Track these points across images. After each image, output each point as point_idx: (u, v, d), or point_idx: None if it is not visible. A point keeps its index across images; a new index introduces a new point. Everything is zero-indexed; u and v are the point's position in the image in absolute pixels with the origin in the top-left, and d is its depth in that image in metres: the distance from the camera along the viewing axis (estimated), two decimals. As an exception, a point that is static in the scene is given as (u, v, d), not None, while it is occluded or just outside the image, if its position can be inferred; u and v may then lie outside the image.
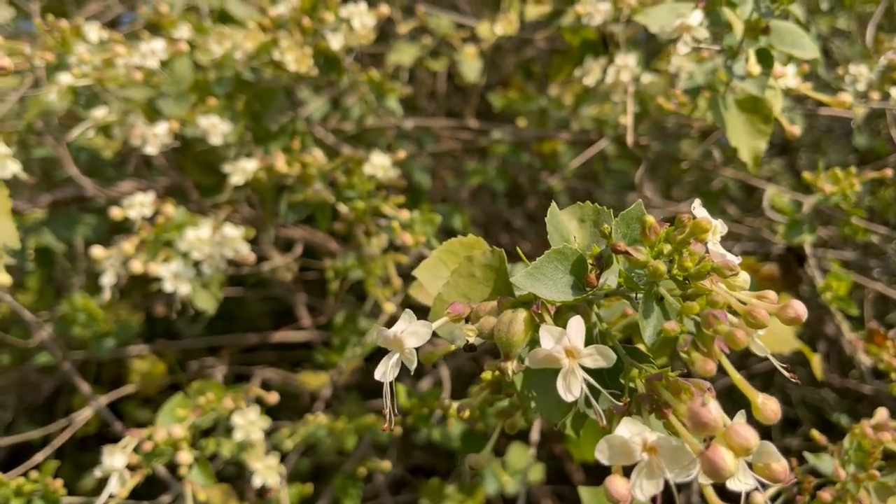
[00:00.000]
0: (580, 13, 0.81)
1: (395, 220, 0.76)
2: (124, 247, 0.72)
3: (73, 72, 0.76)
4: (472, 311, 0.39)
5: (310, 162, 0.78)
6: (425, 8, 1.18)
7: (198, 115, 0.79)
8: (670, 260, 0.33)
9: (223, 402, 0.72)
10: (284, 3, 0.80)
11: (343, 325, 0.97)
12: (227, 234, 0.75)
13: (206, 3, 1.10)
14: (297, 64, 0.77)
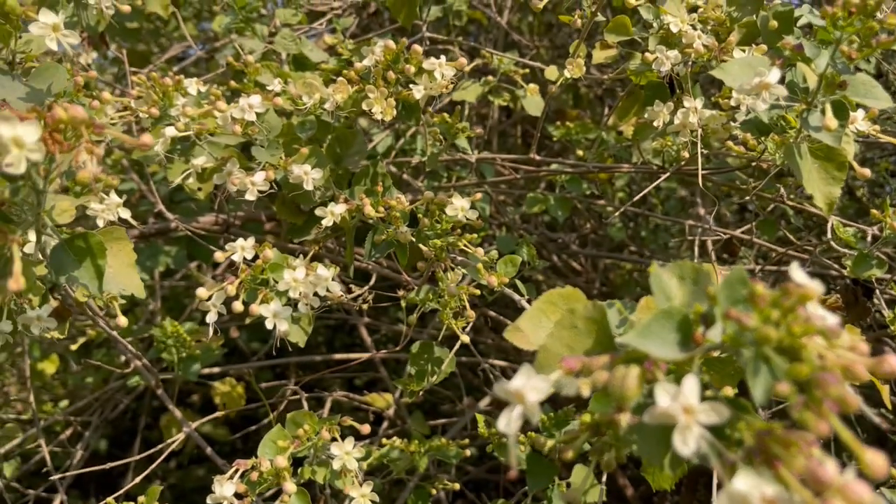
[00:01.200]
0: (648, 60, 0.84)
1: (479, 263, 0.80)
2: (228, 289, 0.77)
3: (178, 126, 0.82)
4: (584, 365, 0.43)
5: (395, 205, 0.83)
6: (487, 49, 1.23)
7: (290, 162, 0.84)
8: (777, 324, 0.37)
9: (320, 433, 0.77)
10: (369, 57, 0.85)
11: (419, 353, 1.02)
12: (320, 274, 0.80)
13: (284, 49, 1.17)
14: (383, 114, 0.83)
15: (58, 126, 0.48)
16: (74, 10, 1.03)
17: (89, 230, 0.59)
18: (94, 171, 0.49)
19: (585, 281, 2.15)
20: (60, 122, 0.48)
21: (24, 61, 0.63)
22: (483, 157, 1.30)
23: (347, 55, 1.10)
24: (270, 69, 1.08)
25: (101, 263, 0.59)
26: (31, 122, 0.47)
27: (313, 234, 0.94)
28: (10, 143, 0.46)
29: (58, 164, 0.49)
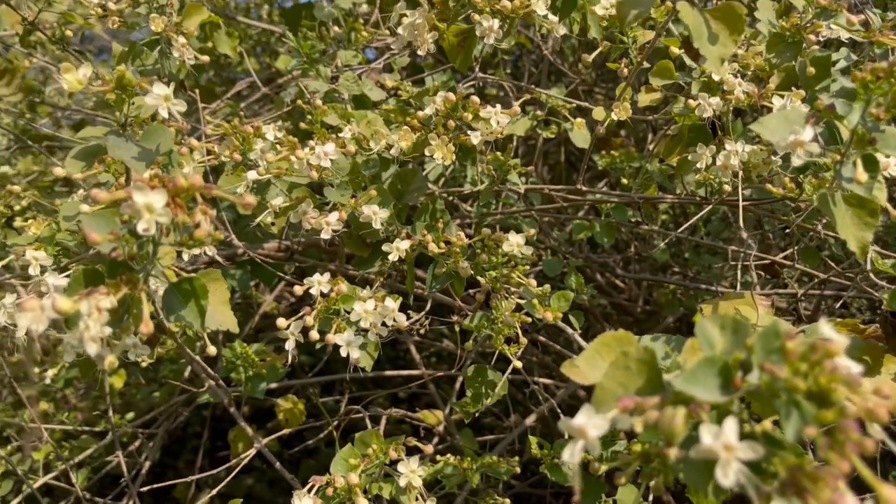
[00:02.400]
0: (691, 106, 0.90)
1: (535, 299, 0.87)
2: (306, 319, 0.85)
3: (259, 171, 0.91)
4: (637, 405, 0.49)
5: (455, 242, 0.91)
6: (537, 90, 1.30)
7: (360, 203, 0.92)
8: (805, 375, 0.42)
9: (387, 453, 0.85)
10: (430, 106, 0.93)
11: (474, 377, 1.09)
12: (387, 306, 0.88)
13: (347, 90, 1.25)
14: (443, 159, 0.90)
15: (179, 192, 0.56)
16: (158, 59, 1.13)
17: (193, 274, 0.68)
18: (208, 229, 0.57)
19: (628, 298, 2.20)
20: (181, 189, 0.56)
21: (135, 124, 0.72)
22: (531, 188, 1.36)
23: (406, 96, 1.18)
24: (335, 110, 1.16)
25: (203, 304, 0.67)
26: (160, 190, 0.55)
27: (377, 266, 1.02)
28: (143, 209, 0.54)
29: (177, 222, 0.57)
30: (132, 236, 0.59)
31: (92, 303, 0.53)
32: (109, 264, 0.61)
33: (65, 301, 0.52)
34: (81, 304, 0.54)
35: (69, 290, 0.65)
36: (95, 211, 0.63)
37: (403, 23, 0.93)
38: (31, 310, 0.54)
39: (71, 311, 0.53)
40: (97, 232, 0.60)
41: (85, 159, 0.74)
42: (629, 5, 0.67)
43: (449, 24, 0.92)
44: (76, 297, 0.55)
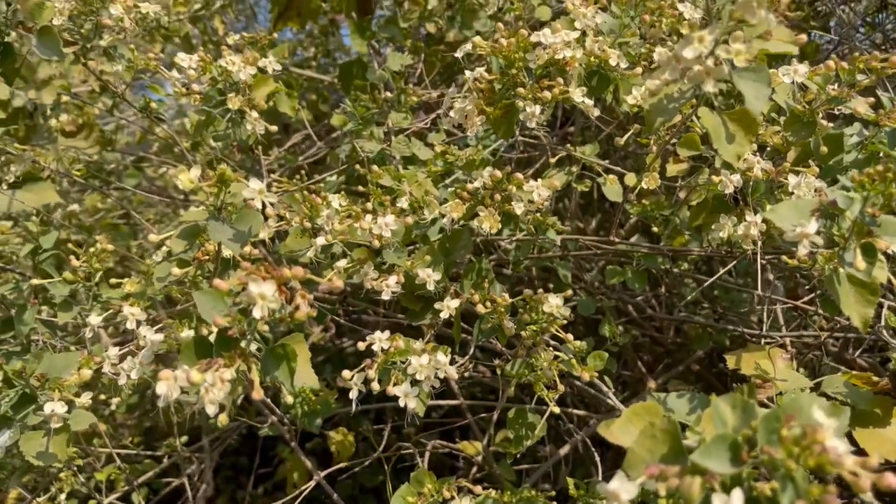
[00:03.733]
0: (715, 182, 1.00)
1: (572, 357, 0.98)
2: (368, 373, 0.97)
3: (328, 238, 1.03)
4: (662, 472, 0.59)
5: (500, 302, 1.02)
6: (575, 149, 1.41)
7: (415, 266, 1.04)
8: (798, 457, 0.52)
9: (441, 492, 0.95)
10: (478, 180, 1.05)
11: (515, 419, 1.19)
12: (439, 360, 0.99)
13: (399, 152, 1.38)
14: (490, 228, 1.01)
15: (284, 281, 0.68)
16: (228, 126, 1.26)
17: (284, 340, 0.80)
18: (306, 310, 0.69)
19: (658, 330, 2.28)
20: (286, 278, 0.68)
21: (229, 209, 0.85)
22: (567, 238, 1.47)
23: (453, 158, 1.29)
24: (388, 172, 1.28)
25: (293, 365, 0.79)
26: (270, 280, 0.67)
27: (428, 320, 1.13)
28: (257, 297, 0.66)
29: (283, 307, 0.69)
30: (243, 315, 0.71)
31: (216, 375, 0.65)
32: (221, 338, 0.73)
33: (196, 374, 0.64)
34: (207, 375, 0.66)
35: (183, 357, 0.77)
36: (207, 291, 0.75)
37: (455, 107, 1.05)
38: (166, 379, 0.66)
39: (200, 381, 0.65)
40: (210, 310, 0.73)
41: (187, 238, 0.87)
42: (656, 113, 0.78)
43: (495, 107, 1.04)
44: (200, 367, 0.68)
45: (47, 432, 0.85)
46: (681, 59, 0.67)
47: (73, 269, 1.13)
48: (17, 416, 0.84)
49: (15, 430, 0.84)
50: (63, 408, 0.81)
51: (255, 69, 1.17)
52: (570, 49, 1.00)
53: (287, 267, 0.68)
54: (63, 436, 0.84)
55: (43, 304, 1.24)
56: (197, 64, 1.14)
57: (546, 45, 1.00)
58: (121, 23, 1.13)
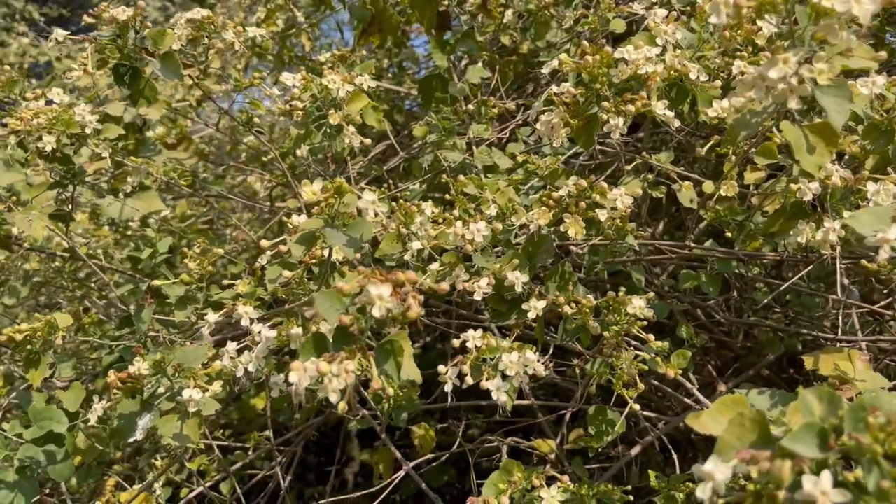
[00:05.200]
0: (793, 191, 1.05)
1: (658, 357, 1.03)
2: (463, 367, 1.05)
3: (423, 242, 1.12)
4: (753, 456, 0.65)
5: (585, 303, 1.08)
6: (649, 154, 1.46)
7: (503, 269, 1.11)
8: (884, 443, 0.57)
9: (531, 481, 1.02)
10: (563, 188, 1.11)
11: (595, 415, 1.25)
12: (528, 357, 1.06)
13: (481, 161, 1.45)
14: (575, 234, 1.08)
15: (399, 284, 0.77)
16: (323, 139, 1.36)
17: (393, 335, 0.88)
18: (418, 310, 0.77)
19: (727, 333, 2.29)
20: (400, 282, 0.76)
21: (341, 217, 0.93)
22: (643, 242, 1.52)
23: (534, 168, 1.36)
24: (473, 181, 1.36)
25: (400, 360, 0.87)
26: (387, 283, 0.75)
27: (513, 320, 1.20)
28: (376, 298, 0.75)
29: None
30: (361, 314, 0.79)
31: (342, 366, 0.74)
32: (339, 334, 0.82)
33: (325, 365, 0.73)
34: (333, 366, 0.74)
35: (303, 351, 0.86)
36: (326, 292, 0.84)
37: (541, 119, 1.12)
38: (298, 370, 0.75)
39: (327, 372, 0.73)
40: (329, 309, 0.82)
41: (304, 244, 0.96)
42: (740, 127, 0.83)
43: (580, 120, 1.10)
44: (325, 359, 0.76)
45: (181, 416, 0.95)
46: (766, 79, 0.72)
47: (189, 271, 1.24)
48: (155, 402, 0.95)
49: (154, 414, 0.94)
50: (199, 394, 0.91)
51: (352, 86, 1.26)
52: (652, 64, 1.06)
53: (400, 271, 0.76)
54: (196, 420, 0.95)
55: (158, 303, 1.36)
56: (300, 82, 1.24)
57: (629, 60, 1.06)
58: (232, 46, 1.24)
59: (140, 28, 1.13)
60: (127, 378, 0.90)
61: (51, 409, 1.38)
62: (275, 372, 1.09)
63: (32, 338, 1.11)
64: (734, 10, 0.71)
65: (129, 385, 0.90)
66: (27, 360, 1.16)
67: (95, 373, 1.57)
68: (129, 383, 0.90)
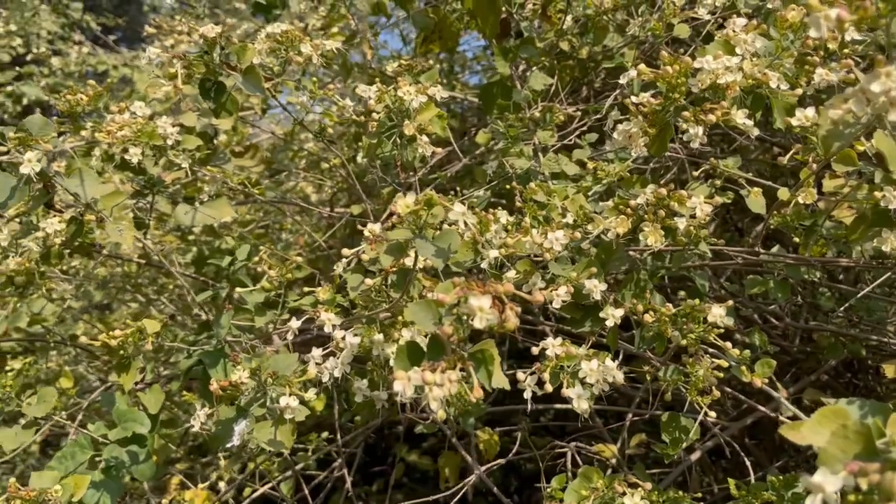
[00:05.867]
0: (876, 199, 1.04)
1: (742, 365, 1.04)
2: (543, 376, 1.06)
3: (501, 251, 1.13)
4: (861, 468, 0.65)
5: (664, 312, 1.09)
6: (717, 158, 1.46)
7: (581, 277, 1.12)
8: None
9: (613, 487, 1.03)
10: (641, 196, 1.12)
11: (668, 422, 1.26)
12: (608, 365, 1.07)
13: (548, 168, 1.47)
14: (655, 242, 1.09)
15: (499, 296, 0.78)
16: (394, 148, 1.38)
17: (482, 344, 0.90)
18: (515, 322, 0.79)
19: (783, 336, 2.27)
20: (499, 293, 0.78)
21: (429, 228, 0.96)
22: (712, 248, 1.51)
23: (603, 175, 1.37)
24: (542, 188, 1.37)
25: (490, 369, 0.89)
26: (487, 294, 0.77)
27: (588, 327, 1.21)
28: (477, 309, 0.77)
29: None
30: (460, 324, 0.82)
31: (444, 375, 0.76)
32: (434, 343, 0.84)
33: (430, 374, 0.75)
34: (437, 375, 0.77)
35: (397, 360, 0.89)
36: (421, 302, 0.86)
37: (618, 129, 1.13)
38: (402, 379, 0.77)
39: (433, 381, 0.76)
40: (424, 319, 0.84)
41: (392, 254, 0.99)
42: (833, 139, 0.83)
43: (658, 129, 1.11)
44: (426, 368, 0.79)
45: (275, 422, 0.98)
46: (867, 93, 0.73)
47: (270, 278, 1.27)
48: (250, 408, 0.98)
49: (250, 420, 0.98)
50: (295, 401, 0.94)
51: (426, 97, 1.28)
52: (731, 73, 1.07)
53: (498, 283, 0.78)
54: (289, 426, 0.98)
55: (236, 310, 1.40)
56: (375, 94, 1.27)
57: (709, 70, 1.07)
58: (309, 60, 1.27)
59: (225, 44, 1.17)
60: (228, 386, 0.93)
61: (133, 411, 1.43)
62: (357, 377, 1.11)
63: (125, 343, 1.16)
64: (837, 23, 0.71)
65: (230, 392, 0.94)
66: (118, 365, 1.21)
67: (171, 376, 1.62)
68: (230, 391, 0.93)
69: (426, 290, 1.10)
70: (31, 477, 1.18)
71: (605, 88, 2.50)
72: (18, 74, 3.42)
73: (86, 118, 1.50)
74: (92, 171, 1.15)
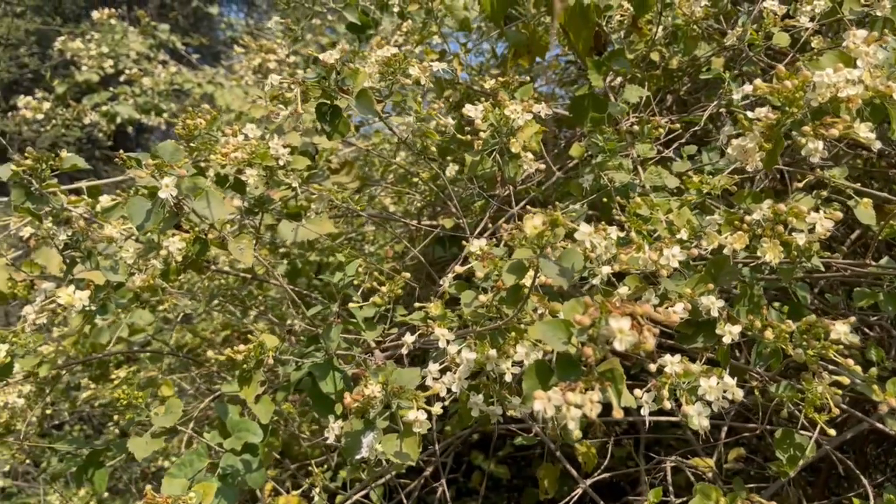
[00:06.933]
0: None
1: (872, 384, 1.02)
2: (662, 392, 1.06)
3: (614, 266, 1.14)
4: None
5: (784, 328, 1.08)
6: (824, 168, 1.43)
7: (696, 294, 1.12)
8: None
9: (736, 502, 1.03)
10: (757, 212, 1.11)
11: (782, 439, 1.24)
12: (726, 381, 1.06)
13: (650, 182, 1.47)
14: (774, 258, 1.08)
15: (636, 316, 0.79)
16: (493, 164, 1.40)
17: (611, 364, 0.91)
18: (653, 343, 0.80)
19: (879, 342, 2.20)
20: (637, 314, 0.79)
21: (549, 247, 0.97)
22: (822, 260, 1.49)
23: (708, 188, 1.36)
24: (646, 202, 1.37)
25: (620, 387, 0.90)
26: (626, 316, 0.79)
27: (701, 343, 1.21)
28: (617, 331, 0.78)
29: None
30: (596, 344, 0.83)
31: (586, 396, 0.78)
32: (563, 362, 0.86)
33: (571, 394, 0.77)
34: (577, 396, 0.78)
35: (526, 379, 0.90)
36: (550, 321, 0.88)
37: (732, 144, 1.12)
38: (542, 399, 0.79)
39: (574, 402, 0.77)
40: (553, 338, 0.86)
41: (516, 273, 1.01)
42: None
43: (774, 144, 1.10)
44: (563, 388, 0.80)
45: (400, 435, 1.01)
46: None
47: (381, 294, 1.31)
48: (377, 421, 1.01)
49: (377, 433, 1.01)
50: (424, 415, 0.97)
51: (530, 114, 1.30)
52: (853, 86, 1.05)
53: (635, 303, 0.79)
54: (415, 438, 1.01)
55: (344, 322, 1.45)
56: (482, 112, 1.30)
57: (829, 83, 1.05)
58: (418, 81, 1.30)
59: (342, 69, 1.21)
60: (360, 399, 0.96)
61: (247, 421, 1.49)
62: (473, 392, 1.13)
63: (248, 358, 1.21)
64: None
65: (360, 406, 0.97)
66: (241, 378, 1.27)
67: (277, 386, 1.68)
68: (361, 404, 0.97)
69: (541, 307, 1.12)
70: (162, 484, 1.24)
71: (690, 98, 2.48)
72: (113, 95, 3.59)
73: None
74: (217, 194, 1.21)
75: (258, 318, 2.38)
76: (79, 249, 1.35)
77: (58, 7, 7.34)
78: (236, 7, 10.66)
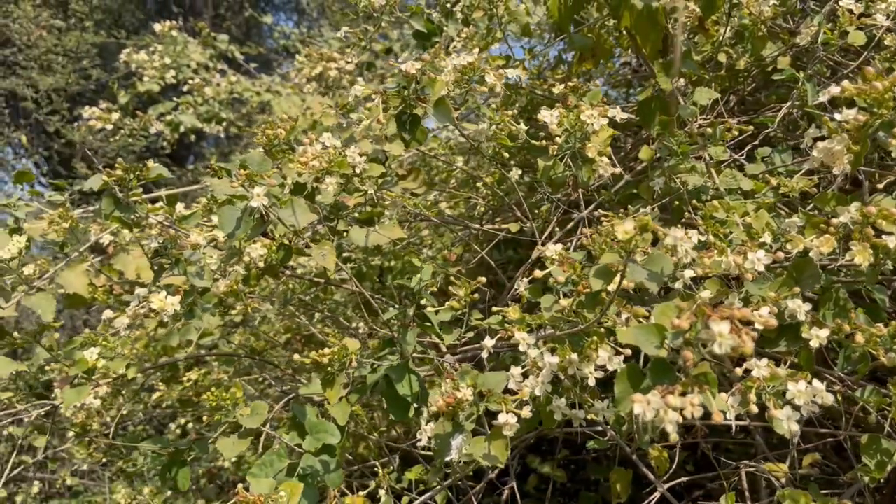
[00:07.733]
0: None
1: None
2: (749, 396, 1.06)
3: (696, 270, 1.14)
4: None
5: (875, 332, 1.07)
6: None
7: (781, 297, 1.11)
8: None
9: (828, 511, 1.02)
10: (845, 215, 1.10)
11: (868, 445, 1.22)
12: (816, 386, 1.05)
13: (725, 185, 1.46)
14: (864, 261, 1.06)
15: (735, 320, 0.80)
16: (566, 169, 1.41)
17: (703, 368, 0.91)
18: (751, 346, 0.80)
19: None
20: (736, 317, 0.80)
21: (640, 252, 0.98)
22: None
23: (787, 189, 1.35)
24: (722, 205, 1.37)
25: (714, 391, 0.90)
26: (726, 320, 0.79)
27: (783, 347, 1.20)
28: (717, 335, 0.78)
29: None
30: (693, 347, 0.83)
31: (685, 400, 0.78)
32: (657, 366, 0.87)
33: (672, 398, 0.78)
34: (677, 399, 0.79)
35: (618, 381, 0.91)
36: (644, 326, 0.89)
37: (818, 146, 1.11)
38: (641, 402, 0.80)
39: (675, 405, 0.78)
40: (647, 342, 0.86)
41: (602, 277, 1.02)
42: None
43: (861, 147, 1.09)
44: (661, 391, 0.81)
45: (489, 437, 1.03)
46: None
47: (458, 298, 1.33)
48: (465, 423, 1.03)
49: (466, 435, 1.03)
50: (514, 418, 0.99)
51: (606, 118, 1.31)
52: (946, 87, 1.03)
53: (731, 307, 0.79)
54: (503, 441, 1.02)
55: (419, 326, 1.47)
56: (557, 118, 1.31)
57: (920, 84, 1.04)
58: (493, 89, 1.32)
59: (421, 79, 1.24)
60: (452, 401, 0.99)
61: (324, 422, 1.52)
62: (556, 396, 1.15)
63: (332, 361, 1.24)
64: None
65: (451, 409, 0.99)
66: (324, 381, 1.30)
67: (350, 389, 1.71)
68: (453, 407, 0.99)
69: (624, 312, 1.12)
70: (250, 484, 1.28)
71: (752, 98, 2.45)
72: (176, 104, 3.70)
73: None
74: (302, 202, 1.24)
75: (322, 321, 2.42)
76: (167, 256, 1.41)
77: (118, 20, 7.59)
78: (284, 15, 10.85)
